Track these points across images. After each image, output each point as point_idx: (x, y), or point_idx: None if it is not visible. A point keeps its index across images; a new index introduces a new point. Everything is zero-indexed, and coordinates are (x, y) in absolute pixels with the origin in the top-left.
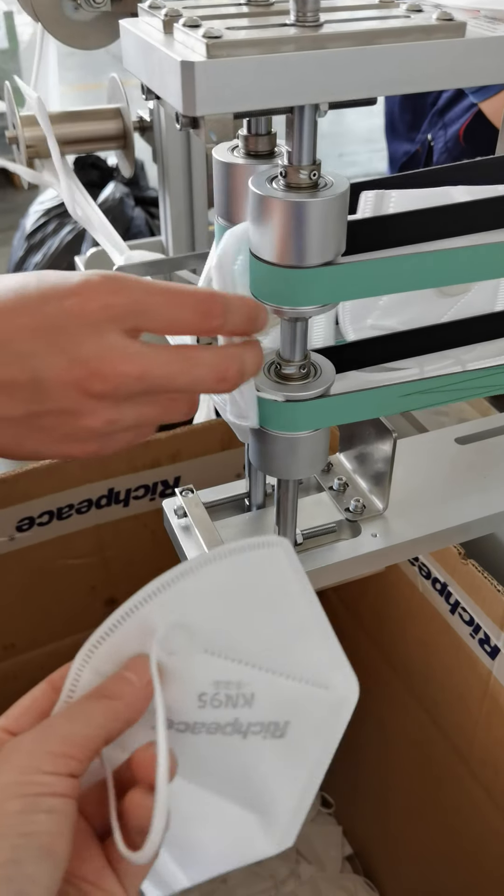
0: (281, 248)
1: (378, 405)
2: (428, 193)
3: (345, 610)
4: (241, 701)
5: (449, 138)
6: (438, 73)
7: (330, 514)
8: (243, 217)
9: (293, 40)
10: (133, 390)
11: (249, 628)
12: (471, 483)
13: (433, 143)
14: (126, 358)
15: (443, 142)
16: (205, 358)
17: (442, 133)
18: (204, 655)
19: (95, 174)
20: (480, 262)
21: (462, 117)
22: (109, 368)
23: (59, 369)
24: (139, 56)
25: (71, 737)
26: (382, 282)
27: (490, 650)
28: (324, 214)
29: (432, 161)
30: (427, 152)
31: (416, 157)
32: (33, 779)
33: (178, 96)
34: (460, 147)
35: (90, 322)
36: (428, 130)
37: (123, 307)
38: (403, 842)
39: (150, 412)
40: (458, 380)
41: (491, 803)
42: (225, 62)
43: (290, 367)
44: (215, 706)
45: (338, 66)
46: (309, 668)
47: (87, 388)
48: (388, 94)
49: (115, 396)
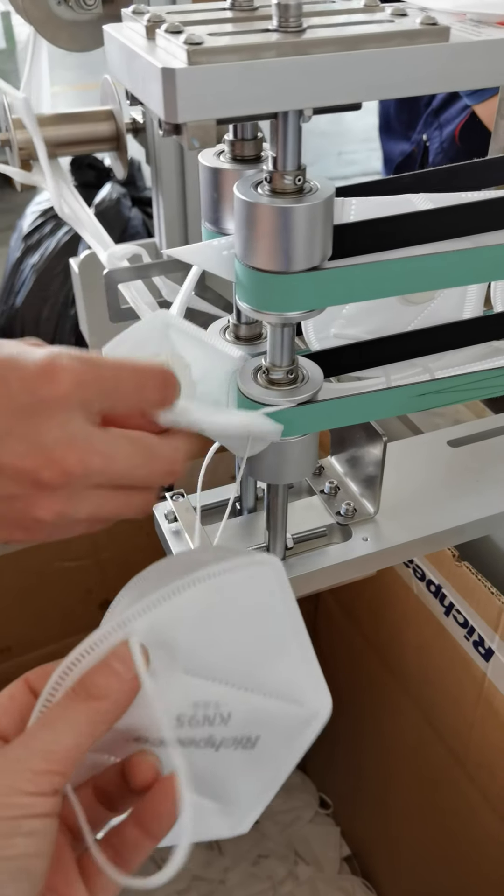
0: (267, 253)
1: (365, 410)
2: (388, 200)
3: (341, 612)
4: (217, 720)
5: (444, 138)
6: (423, 77)
7: (321, 517)
8: (229, 222)
9: (275, 46)
10: (92, 483)
11: (231, 647)
12: (463, 486)
13: (429, 143)
14: (89, 449)
15: (438, 142)
16: (162, 451)
17: (437, 133)
18: (184, 677)
19: (92, 175)
20: (468, 265)
21: (458, 118)
22: (71, 459)
23: (15, 455)
24: (122, 62)
25: (53, 751)
26: (370, 286)
27: (484, 652)
28: (309, 219)
29: (428, 161)
30: (423, 152)
31: (412, 157)
32: (13, 801)
33: (160, 103)
34: (456, 147)
35: (57, 407)
36: (423, 130)
37: (92, 391)
38: (401, 843)
39: (107, 506)
40: (448, 384)
41: (487, 805)
42: (206, 69)
43: (278, 372)
44: (192, 726)
45: (321, 72)
46: (285, 685)
47: (40, 479)
48: (372, 98)
49: (71, 488)
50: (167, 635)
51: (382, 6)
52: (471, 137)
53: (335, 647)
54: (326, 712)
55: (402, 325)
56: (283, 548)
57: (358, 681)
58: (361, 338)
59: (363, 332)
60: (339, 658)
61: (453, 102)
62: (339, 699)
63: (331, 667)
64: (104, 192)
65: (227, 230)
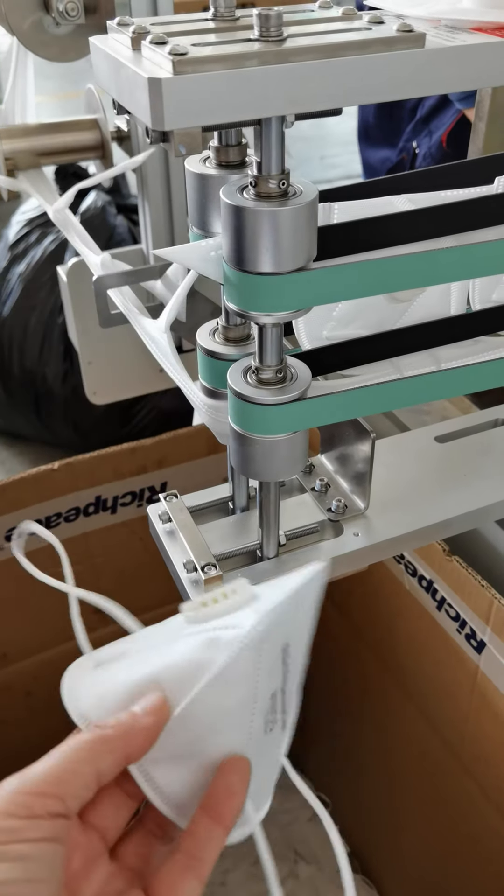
0: (253, 255)
1: (354, 407)
2: (370, 203)
3: (334, 609)
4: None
5: (433, 144)
6: (400, 82)
7: (312, 514)
8: (216, 226)
9: (257, 55)
10: None
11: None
12: (451, 480)
13: (417, 149)
14: None
15: (427, 147)
16: None
17: (427, 139)
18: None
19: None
20: (449, 264)
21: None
22: None
23: None
24: (109, 72)
25: (48, 775)
26: (355, 286)
27: (476, 645)
28: (294, 222)
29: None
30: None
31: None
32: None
33: (147, 112)
34: (443, 152)
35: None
36: (412, 138)
37: None
38: (400, 838)
39: None
40: (431, 380)
41: (484, 797)
42: (191, 78)
43: (267, 371)
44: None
45: (301, 79)
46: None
47: None
48: (351, 104)
49: None
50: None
51: (360, 14)
52: (458, 142)
53: (329, 645)
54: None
55: (390, 323)
56: (276, 545)
57: (353, 678)
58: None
59: (353, 331)
60: (333, 656)
61: (443, 109)
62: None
63: (325, 665)
64: (89, 199)
65: (215, 233)
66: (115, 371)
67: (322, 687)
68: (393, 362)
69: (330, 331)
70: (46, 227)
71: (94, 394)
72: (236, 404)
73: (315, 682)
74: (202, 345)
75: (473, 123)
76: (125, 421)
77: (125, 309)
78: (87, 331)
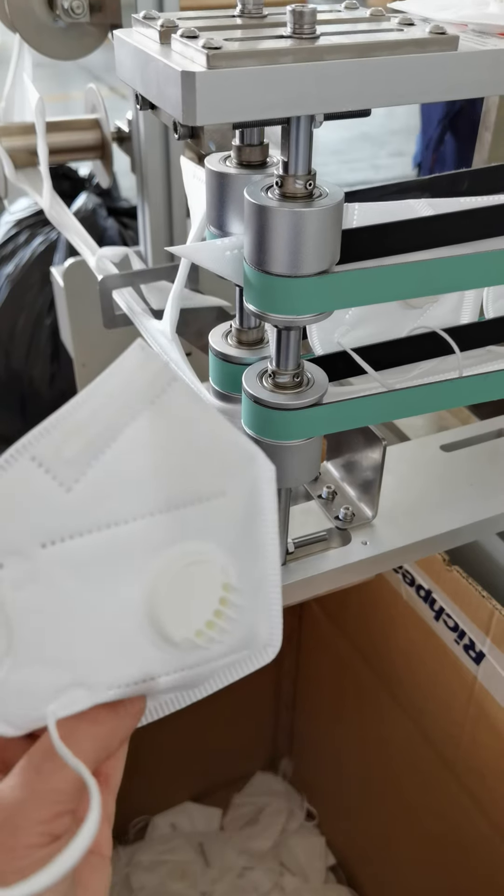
0: (276, 257)
1: (370, 413)
2: (389, 206)
3: (327, 619)
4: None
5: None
6: (432, 85)
7: (319, 522)
8: (235, 227)
9: (291, 52)
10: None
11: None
12: (458, 490)
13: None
14: None
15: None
16: None
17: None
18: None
19: (67, 184)
20: (475, 270)
21: None
22: None
23: None
24: (135, 66)
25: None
26: (378, 290)
27: (475, 656)
28: (320, 224)
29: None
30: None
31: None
32: None
33: (178, 106)
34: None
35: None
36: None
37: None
38: (388, 849)
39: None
40: (450, 386)
41: (477, 810)
42: (225, 73)
43: (284, 375)
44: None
45: (335, 78)
46: None
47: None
48: (382, 105)
49: None
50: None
51: (388, 16)
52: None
53: (321, 656)
54: None
55: (402, 329)
56: (285, 552)
57: (345, 689)
58: (364, 342)
59: (365, 336)
60: (325, 666)
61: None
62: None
63: (317, 675)
64: (80, 201)
65: (232, 233)
66: None
67: (313, 696)
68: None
69: (341, 335)
70: (35, 229)
71: None
72: (251, 408)
73: (305, 691)
74: (215, 348)
75: (479, 133)
76: None
77: (129, 310)
78: (82, 333)
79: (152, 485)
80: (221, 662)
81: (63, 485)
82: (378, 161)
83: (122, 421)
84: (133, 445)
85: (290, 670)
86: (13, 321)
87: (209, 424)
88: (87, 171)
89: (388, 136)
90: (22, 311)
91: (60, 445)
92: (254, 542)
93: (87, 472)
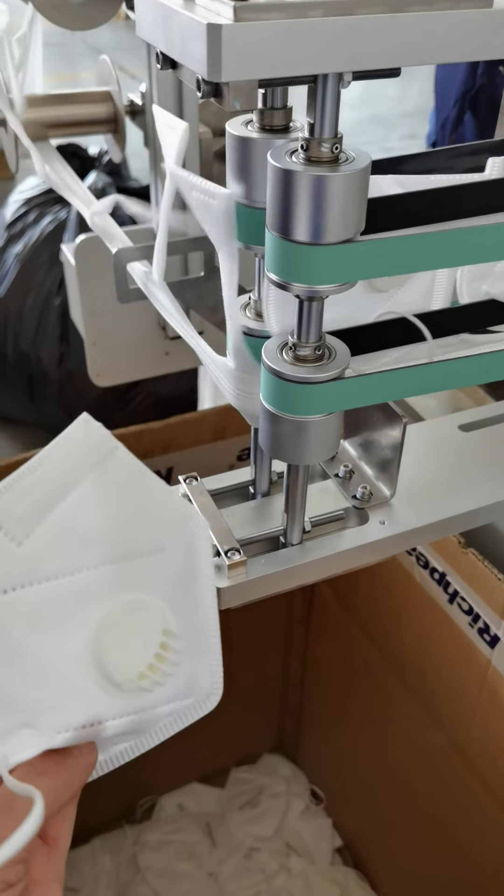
0: (300, 223)
1: (393, 388)
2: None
3: (338, 602)
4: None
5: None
6: (465, 43)
7: (336, 501)
8: (257, 193)
9: (321, 5)
10: None
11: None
12: (477, 470)
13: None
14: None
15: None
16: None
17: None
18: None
19: (76, 163)
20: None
21: None
22: None
23: None
24: (157, 22)
25: None
26: (403, 260)
27: (490, 639)
28: (346, 189)
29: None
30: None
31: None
32: None
33: (203, 61)
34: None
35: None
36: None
37: None
38: (395, 833)
39: None
40: (476, 362)
41: (487, 793)
42: (252, 26)
43: (305, 348)
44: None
45: (366, 33)
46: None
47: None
48: (414, 63)
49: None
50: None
51: None
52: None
53: (331, 638)
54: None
55: (368, 314)
56: (301, 531)
57: (354, 672)
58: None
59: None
60: (335, 649)
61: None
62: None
63: (326, 657)
64: (89, 180)
65: (254, 200)
66: (121, 353)
67: (322, 678)
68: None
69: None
70: (45, 207)
71: (98, 375)
72: (270, 382)
73: (314, 673)
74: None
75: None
76: (121, 406)
77: (143, 284)
78: (94, 311)
79: (98, 540)
80: (167, 709)
81: (14, 539)
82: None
83: (70, 483)
84: (80, 504)
85: (299, 652)
86: (22, 301)
87: (148, 486)
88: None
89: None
90: (30, 291)
91: (12, 504)
92: (192, 593)
93: (37, 528)
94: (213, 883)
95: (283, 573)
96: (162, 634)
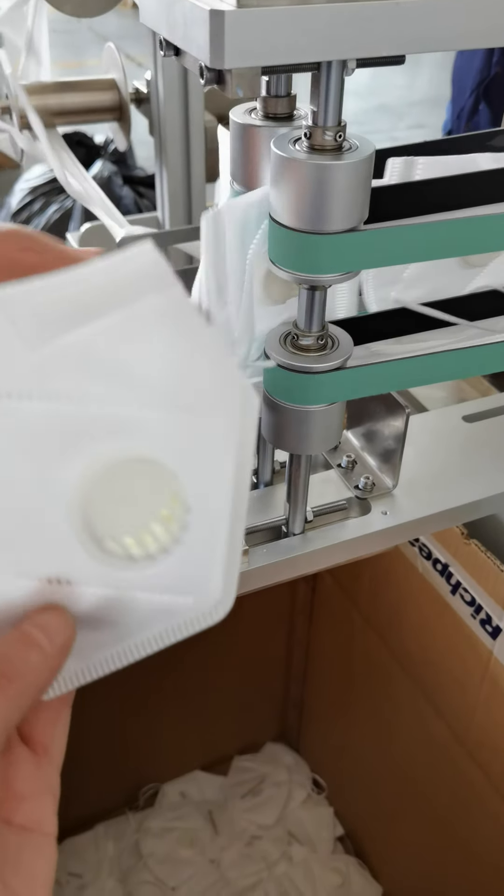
0: (302, 212)
1: (396, 378)
2: (454, 161)
3: (341, 592)
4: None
5: None
6: (470, 30)
7: (339, 491)
8: (260, 181)
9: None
10: None
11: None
12: (480, 461)
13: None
14: None
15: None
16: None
17: None
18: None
19: (82, 152)
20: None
21: None
22: None
23: None
24: (160, 8)
25: None
26: (407, 250)
27: (491, 630)
28: (349, 178)
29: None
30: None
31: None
32: None
33: (206, 48)
34: None
35: None
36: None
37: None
38: (397, 822)
39: None
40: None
41: (488, 784)
42: (255, 12)
43: (308, 338)
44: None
45: (370, 20)
46: None
47: None
48: (419, 51)
49: None
50: None
51: None
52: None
53: (334, 628)
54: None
55: (459, 288)
56: (303, 521)
57: (356, 662)
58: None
59: (422, 294)
60: (337, 639)
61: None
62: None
63: (329, 647)
64: (95, 169)
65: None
66: None
67: (324, 668)
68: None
69: (399, 293)
70: (50, 196)
71: None
72: (273, 371)
73: (317, 663)
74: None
75: None
76: None
77: None
78: None
79: (125, 377)
80: (156, 600)
81: (27, 342)
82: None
83: (112, 306)
84: (117, 332)
85: (301, 641)
86: None
87: (198, 337)
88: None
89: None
90: None
91: (39, 306)
92: (221, 471)
93: (57, 341)
94: (215, 870)
95: (285, 563)
96: (170, 500)
